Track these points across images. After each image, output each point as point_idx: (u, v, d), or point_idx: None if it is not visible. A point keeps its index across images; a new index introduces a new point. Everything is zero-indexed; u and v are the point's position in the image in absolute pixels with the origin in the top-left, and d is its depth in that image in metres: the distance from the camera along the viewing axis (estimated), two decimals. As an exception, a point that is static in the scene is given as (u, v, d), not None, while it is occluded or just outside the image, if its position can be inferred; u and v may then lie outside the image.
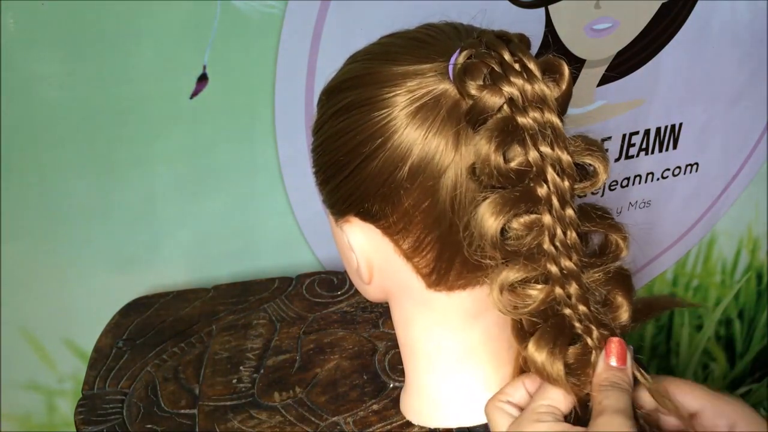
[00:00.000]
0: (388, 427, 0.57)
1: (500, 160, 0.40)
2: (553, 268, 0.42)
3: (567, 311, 0.43)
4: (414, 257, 0.47)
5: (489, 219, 0.40)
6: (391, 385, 0.61)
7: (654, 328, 1.25)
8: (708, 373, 1.35)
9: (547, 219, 0.41)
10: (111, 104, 0.72)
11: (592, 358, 0.43)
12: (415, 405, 0.55)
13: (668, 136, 1.03)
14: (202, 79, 0.74)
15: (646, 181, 1.05)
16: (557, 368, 0.42)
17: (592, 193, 0.43)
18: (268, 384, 0.62)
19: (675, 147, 1.04)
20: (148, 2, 0.68)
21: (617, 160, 1.01)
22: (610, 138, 0.99)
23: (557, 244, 0.41)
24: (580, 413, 0.44)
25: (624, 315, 0.44)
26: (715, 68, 0.99)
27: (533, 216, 0.41)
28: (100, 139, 0.74)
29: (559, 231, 0.41)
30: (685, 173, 1.08)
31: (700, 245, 1.18)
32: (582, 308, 0.43)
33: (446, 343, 0.50)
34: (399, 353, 0.55)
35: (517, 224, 0.41)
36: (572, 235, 0.42)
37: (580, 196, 0.43)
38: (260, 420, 0.59)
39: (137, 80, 0.72)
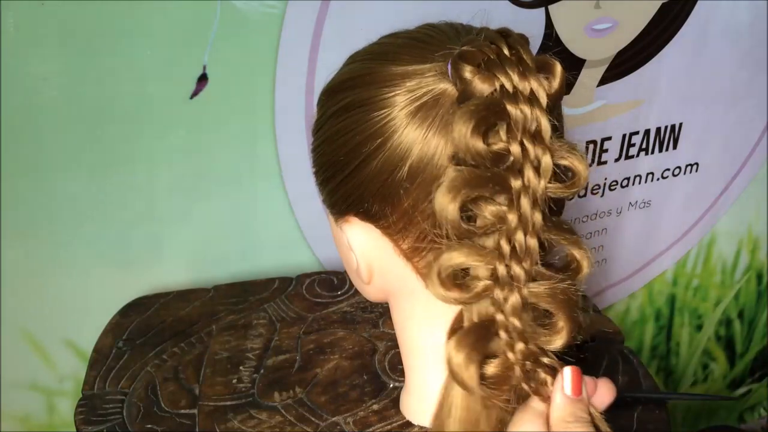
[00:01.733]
0: (388, 427, 0.57)
1: (478, 140, 0.39)
2: (501, 267, 0.40)
3: (499, 317, 0.41)
4: (414, 257, 0.47)
5: (451, 192, 0.39)
6: (391, 385, 0.61)
7: (654, 328, 1.25)
8: (708, 373, 1.36)
9: (512, 216, 0.40)
10: (111, 104, 0.72)
11: (514, 374, 0.41)
12: (415, 405, 0.55)
13: (668, 136, 1.03)
14: (202, 79, 0.74)
15: (646, 181, 1.05)
16: (470, 373, 0.40)
17: (592, 193, 0.43)
18: (268, 384, 0.62)
19: (675, 147, 1.04)
20: (148, 2, 0.68)
21: (617, 160, 1.01)
22: (610, 138, 0.99)
23: (515, 244, 0.40)
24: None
25: (558, 342, 0.41)
26: (715, 68, 1.00)
27: (500, 207, 0.40)
28: (100, 139, 0.74)
29: (520, 232, 0.40)
30: (685, 173, 1.08)
31: (700, 245, 1.18)
32: (512, 320, 0.41)
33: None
34: (399, 353, 0.55)
35: (482, 209, 0.40)
36: (532, 240, 0.40)
37: (555, 199, 0.42)
38: (260, 420, 0.59)
39: (137, 80, 0.72)
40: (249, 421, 0.59)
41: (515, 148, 0.40)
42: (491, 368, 0.41)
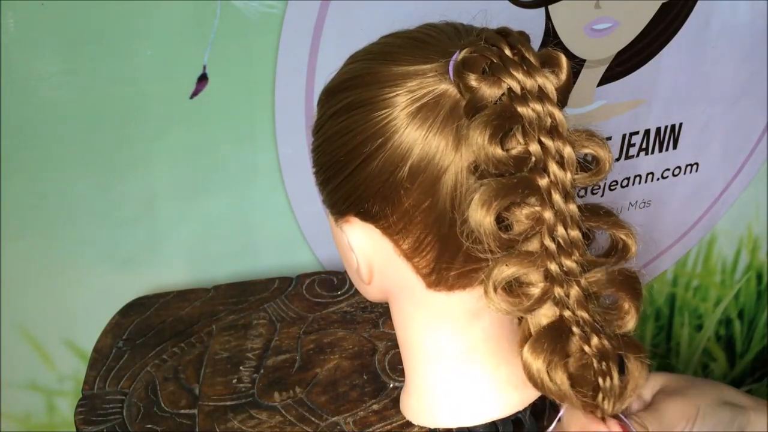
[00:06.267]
0: (388, 427, 0.57)
1: (497, 148, 0.39)
2: (553, 266, 0.41)
3: (566, 313, 0.41)
4: (414, 257, 0.47)
5: (484, 206, 0.39)
6: (391, 385, 0.61)
7: (654, 328, 1.25)
8: (708, 373, 1.36)
9: (548, 214, 0.40)
10: (111, 104, 0.72)
11: (594, 367, 0.42)
12: (414, 405, 0.55)
13: (668, 136, 1.03)
14: (202, 79, 0.74)
15: (646, 181, 1.05)
16: (560, 378, 0.40)
17: (592, 193, 0.43)
18: (268, 384, 0.62)
19: (675, 147, 1.04)
20: (148, 2, 0.68)
21: (617, 160, 1.01)
22: (610, 138, 0.99)
23: (559, 240, 0.40)
24: None
25: (630, 323, 0.42)
26: (715, 68, 1.00)
27: (533, 208, 0.40)
28: (100, 139, 0.74)
29: (560, 227, 0.40)
30: (685, 173, 1.08)
31: (700, 245, 1.18)
32: (581, 313, 0.41)
33: (446, 343, 0.50)
34: (399, 353, 0.55)
35: (516, 215, 0.41)
36: (574, 231, 0.41)
37: (582, 188, 0.42)
38: (260, 420, 0.59)
39: (137, 80, 0.72)
40: (249, 421, 0.59)
41: (534, 147, 0.40)
42: (571, 367, 0.42)
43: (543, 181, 0.40)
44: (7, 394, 0.85)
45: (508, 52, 0.41)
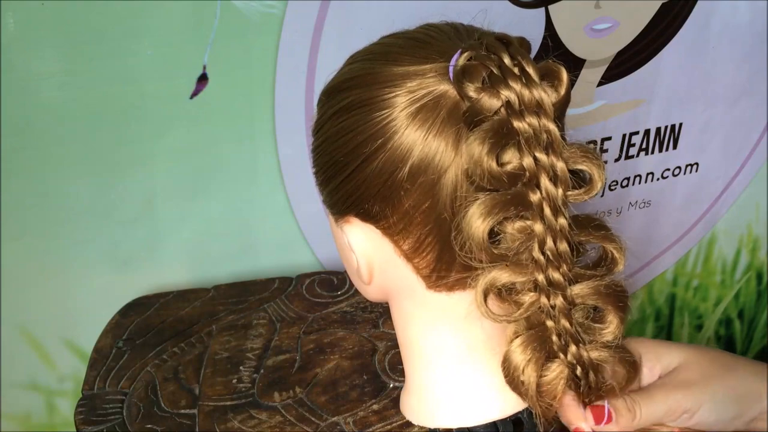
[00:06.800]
0: (388, 427, 0.57)
1: (492, 163, 0.40)
2: (540, 278, 0.42)
3: (549, 323, 0.43)
4: (414, 258, 0.47)
5: (477, 220, 0.40)
6: (391, 385, 0.61)
7: (654, 328, 1.25)
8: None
9: (538, 227, 0.41)
10: (111, 104, 0.72)
11: (568, 375, 0.43)
12: (415, 405, 0.55)
13: (668, 136, 1.03)
14: (202, 79, 0.74)
15: (646, 181, 1.05)
16: (529, 375, 0.42)
17: (593, 194, 0.43)
18: (268, 384, 0.62)
19: (675, 147, 1.04)
20: (148, 2, 0.68)
21: (617, 160, 1.01)
22: (610, 138, 0.99)
23: (547, 253, 0.41)
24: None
25: (610, 334, 0.44)
26: (715, 68, 1.00)
27: (525, 222, 0.41)
28: (100, 139, 0.74)
29: (549, 240, 0.41)
30: (685, 173, 1.08)
31: (700, 245, 1.18)
32: (563, 323, 0.43)
33: (446, 343, 0.50)
34: (399, 353, 0.55)
35: (508, 228, 0.42)
36: (563, 245, 0.41)
37: (572, 203, 0.43)
38: (260, 420, 0.59)
39: (137, 80, 0.72)
40: (249, 421, 0.59)
41: (528, 162, 0.40)
42: (545, 373, 0.43)
43: (535, 197, 0.41)
44: (7, 394, 0.85)
45: (508, 62, 0.41)
